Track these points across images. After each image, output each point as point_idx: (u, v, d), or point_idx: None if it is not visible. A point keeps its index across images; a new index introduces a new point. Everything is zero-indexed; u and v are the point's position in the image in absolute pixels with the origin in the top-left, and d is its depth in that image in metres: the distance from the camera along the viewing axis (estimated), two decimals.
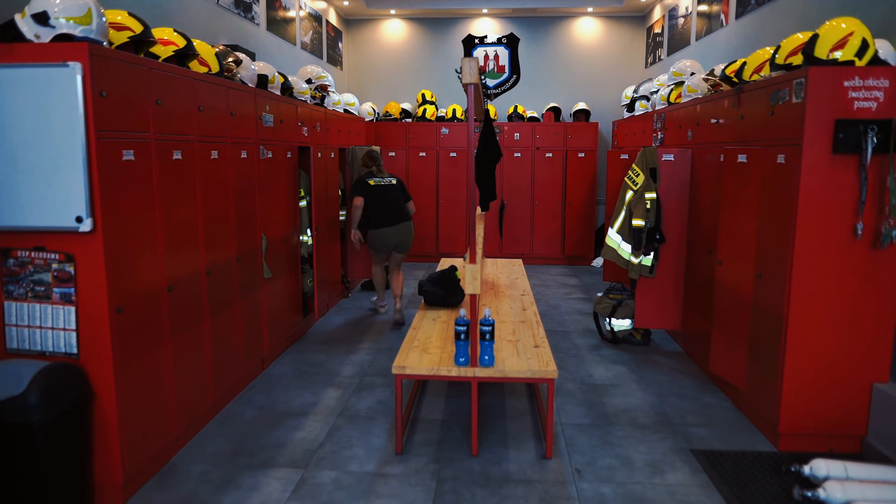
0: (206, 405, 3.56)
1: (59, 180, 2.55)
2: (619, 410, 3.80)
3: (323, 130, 5.83)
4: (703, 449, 3.32)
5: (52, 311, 2.68)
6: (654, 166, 4.53)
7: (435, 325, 3.91)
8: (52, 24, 2.58)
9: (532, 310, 4.25)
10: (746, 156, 3.62)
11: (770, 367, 3.38)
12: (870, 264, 3.15)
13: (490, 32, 9.28)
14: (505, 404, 3.85)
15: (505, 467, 3.12)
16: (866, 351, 3.21)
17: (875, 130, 3.01)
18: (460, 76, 2.92)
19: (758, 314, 3.54)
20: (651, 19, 8.94)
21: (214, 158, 3.59)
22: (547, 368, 3.17)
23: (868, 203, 3.09)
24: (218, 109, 3.66)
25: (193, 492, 2.92)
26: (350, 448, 3.32)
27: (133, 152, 2.81)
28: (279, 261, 4.63)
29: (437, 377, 3.23)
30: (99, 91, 2.56)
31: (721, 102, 4.18)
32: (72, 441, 2.60)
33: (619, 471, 3.10)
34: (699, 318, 4.42)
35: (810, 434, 3.29)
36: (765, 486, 2.93)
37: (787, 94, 3.24)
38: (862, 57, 3.12)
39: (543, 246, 8.62)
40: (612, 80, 9.30)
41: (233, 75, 4.09)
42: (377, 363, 4.61)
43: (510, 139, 8.46)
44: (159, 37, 3.30)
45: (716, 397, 4.00)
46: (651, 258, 4.54)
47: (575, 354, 4.82)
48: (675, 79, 5.74)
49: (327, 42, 8.62)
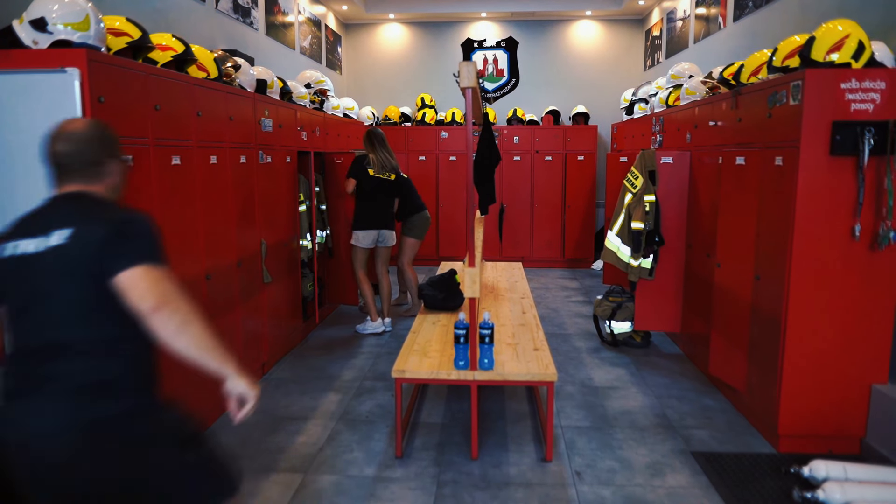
0: (205, 410, 3.55)
1: None
2: (619, 413, 3.80)
3: (322, 135, 5.84)
4: (703, 451, 3.32)
5: None
6: (652, 169, 4.53)
7: (434, 329, 3.91)
8: (50, 30, 2.59)
9: (532, 313, 4.25)
10: (744, 158, 3.63)
11: (769, 369, 3.38)
12: (868, 266, 3.15)
13: (489, 36, 9.29)
14: (505, 407, 3.85)
15: (505, 470, 3.12)
16: (865, 352, 3.21)
17: (872, 132, 3.01)
18: (458, 80, 2.93)
19: (757, 316, 3.55)
20: (649, 22, 8.96)
21: (213, 163, 3.59)
22: (546, 371, 3.18)
23: (865, 205, 3.09)
24: (217, 114, 3.67)
25: None
26: (350, 452, 3.32)
27: (132, 158, 2.82)
28: (279, 265, 4.64)
29: (437, 381, 3.23)
30: (97, 97, 2.57)
31: (719, 105, 4.19)
32: None
33: (619, 473, 3.10)
34: (699, 320, 4.43)
35: (809, 435, 3.29)
36: (764, 487, 2.93)
37: (784, 96, 3.24)
38: (858, 59, 3.13)
39: (543, 249, 8.62)
40: (611, 83, 9.32)
41: (231, 80, 4.10)
42: (377, 367, 4.61)
43: (509, 142, 8.47)
44: (158, 42, 3.32)
45: (715, 399, 4.00)
46: (650, 261, 4.54)
47: (575, 357, 4.82)
48: (674, 81, 5.75)
49: (326, 46, 8.64)
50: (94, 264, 1.62)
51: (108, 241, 1.63)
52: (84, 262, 1.62)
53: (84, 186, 1.78)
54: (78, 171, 1.77)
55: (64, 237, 1.64)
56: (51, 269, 1.64)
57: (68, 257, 1.63)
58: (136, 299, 1.60)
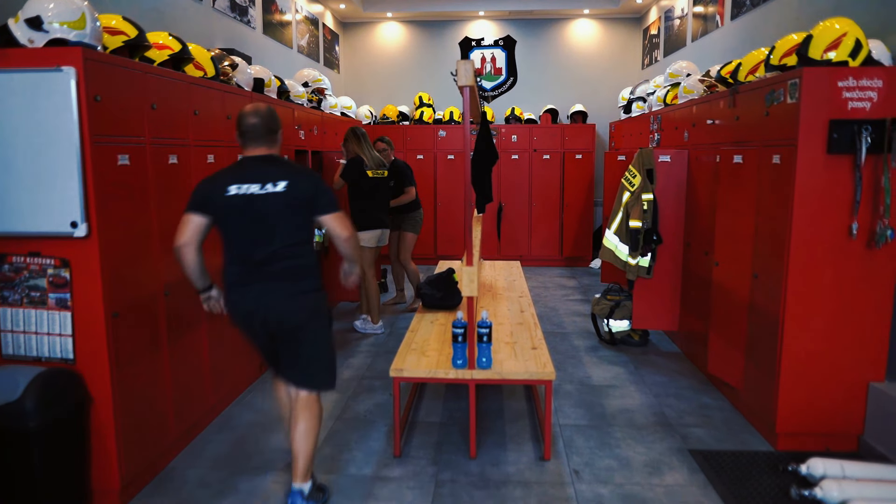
0: (203, 410, 3.55)
1: (53, 185, 2.55)
2: (617, 411, 3.80)
3: (320, 134, 5.83)
4: (701, 449, 3.32)
5: (47, 317, 2.68)
6: (650, 167, 4.53)
7: (433, 328, 3.91)
8: (46, 28, 2.58)
9: (530, 311, 4.25)
10: (742, 156, 3.63)
11: (767, 367, 3.38)
12: (865, 264, 3.15)
13: (487, 35, 9.28)
14: (503, 406, 3.85)
15: (503, 469, 3.12)
16: (862, 350, 3.21)
17: (869, 130, 3.02)
18: (456, 78, 2.93)
19: (754, 314, 3.55)
20: (647, 21, 8.96)
21: (211, 162, 3.59)
22: (545, 370, 3.17)
23: (863, 203, 3.09)
24: (214, 113, 3.66)
25: (191, 497, 2.91)
26: (348, 451, 3.32)
27: (128, 157, 2.82)
28: None
29: (435, 380, 3.23)
30: (93, 96, 2.56)
31: (717, 103, 4.19)
32: (68, 447, 2.60)
33: (617, 471, 3.10)
34: (696, 318, 4.43)
35: (807, 433, 3.29)
36: (762, 485, 2.94)
37: (781, 94, 3.24)
38: (856, 57, 3.13)
39: (541, 248, 8.62)
40: (609, 81, 9.32)
41: (229, 79, 4.10)
42: (375, 366, 4.60)
43: (507, 141, 8.47)
44: (154, 41, 3.31)
45: (713, 397, 4.00)
46: (648, 259, 4.54)
47: (573, 356, 4.82)
48: (672, 80, 5.75)
49: (324, 45, 8.62)
50: (307, 205, 2.62)
51: (316, 192, 2.63)
52: (302, 202, 2.60)
53: (268, 150, 2.66)
54: (264, 138, 2.64)
55: (284, 186, 2.57)
56: (276, 205, 2.56)
57: (290, 197, 2.57)
58: (338, 230, 2.65)
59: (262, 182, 2.55)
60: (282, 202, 2.55)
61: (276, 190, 2.55)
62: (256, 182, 2.55)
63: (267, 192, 2.54)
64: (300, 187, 2.59)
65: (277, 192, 2.55)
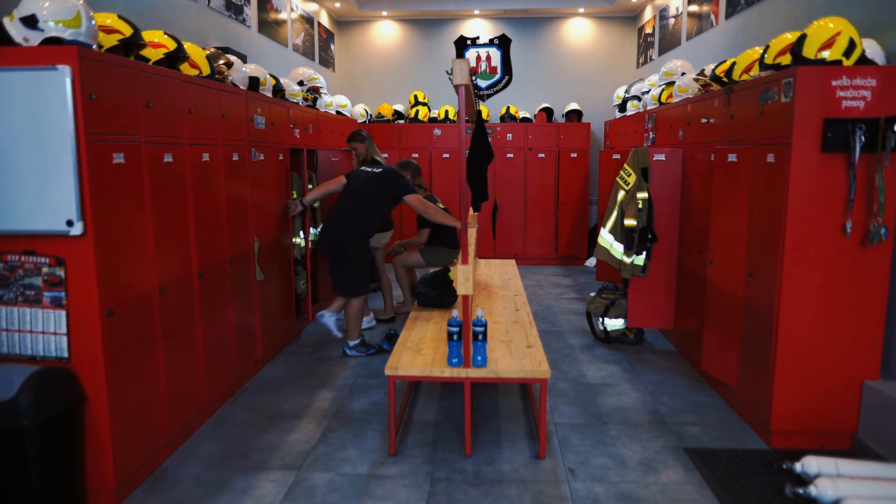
0: (198, 408, 3.55)
1: (48, 184, 2.54)
2: (613, 410, 3.81)
3: (315, 132, 5.83)
4: (696, 447, 3.33)
5: (42, 315, 2.67)
6: (645, 166, 4.54)
7: (428, 326, 3.91)
8: (41, 27, 2.57)
9: (525, 310, 4.26)
10: (737, 155, 3.64)
11: (761, 365, 3.39)
12: (859, 262, 3.17)
13: (482, 33, 9.27)
14: (498, 404, 3.86)
15: (498, 467, 3.12)
16: (856, 348, 3.23)
17: (863, 129, 3.03)
18: (451, 77, 2.93)
19: (749, 312, 3.56)
20: (642, 20, 8.97)
21: (206, 161, 3.58)
22: (540, 368, 3.18)
23: (857, 201, 3.11)
24: (209, 112, 3.66)
25: (186, 495, 2.91)
26: (344, 450, 3.32)
27: (123, 155, 2.81)
28: (272, 263, 4.63)
29: (430, 378, 3.24)
30: (89, 94, 2.55)
31: (711, 102, 4.20)
32: (63, 445, 2.59)
33: (612, 470, 3.11)
34: (691, 316, 4.44)
35: (801, 431, 3.31)
36: (757, 483, 2.95)
37: (776, 93, 3.26)
38: (849, 56, 3.15)
39: (536, 246, 8.64)
40: (604, 80, 9.33)
41: (224, 78, 4.09)
42: (370, 365, 4.60)
43: (502, 140, 8.48)
44: (149, 39, 3.29)
45: (708, 396, 4.02)
46: (643, 257, 4.56)
47: (568, 354, 4.84)
48: (666, 79, 5.76)
49: (319, 44, 8.61)
50: (390, 189, 4.63)
51: (396, 182, 4.64)
52: (387, 186, 4.63)
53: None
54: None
55: (378, 173, 4.71)
56: (373, 184, 4.63)
57: (381, 182, 4.64)
58: (417, 206, 4.55)
59: (373, 168, 4.88)
60: (376, 184, 4.69)
61: (376, 174, 4.73)
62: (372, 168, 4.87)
63: (372, 175, 4.76)
64: (387, 176, 4.74)
65: (376, 176, 4.73)
